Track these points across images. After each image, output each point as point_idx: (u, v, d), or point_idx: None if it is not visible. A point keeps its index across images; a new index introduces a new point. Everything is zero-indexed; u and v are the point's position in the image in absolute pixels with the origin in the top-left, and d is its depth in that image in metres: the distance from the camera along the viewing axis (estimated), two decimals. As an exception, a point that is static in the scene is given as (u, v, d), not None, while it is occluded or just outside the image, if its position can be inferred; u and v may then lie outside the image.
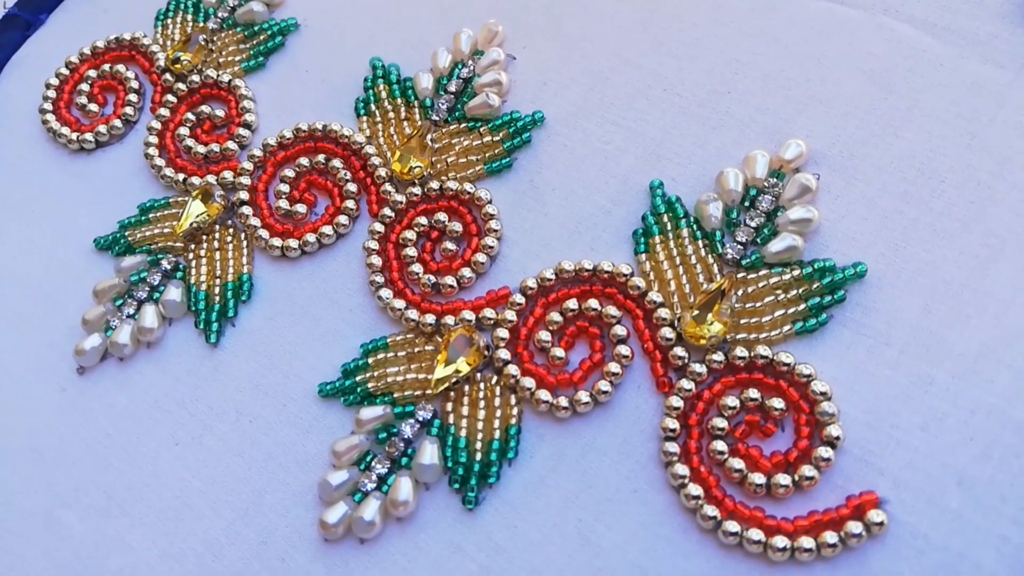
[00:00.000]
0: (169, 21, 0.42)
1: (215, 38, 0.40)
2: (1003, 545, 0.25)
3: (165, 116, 0.39)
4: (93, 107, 0.40)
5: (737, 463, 0.27)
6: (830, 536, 0.26)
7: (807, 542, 0.26)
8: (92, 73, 0.41)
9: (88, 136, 0.39)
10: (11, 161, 0.41)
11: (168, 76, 0.40)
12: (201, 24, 0.41)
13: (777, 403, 0.28)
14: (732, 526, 0.26)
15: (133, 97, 0.40)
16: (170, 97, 0.39)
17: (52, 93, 0.41)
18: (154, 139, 0.38)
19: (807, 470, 0.27)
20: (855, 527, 0.26)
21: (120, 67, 0.41)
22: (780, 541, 0.26)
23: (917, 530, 0.26)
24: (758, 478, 0.27)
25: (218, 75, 0.39)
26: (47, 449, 0.33)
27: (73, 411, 0.34)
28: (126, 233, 0.37)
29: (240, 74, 0.39)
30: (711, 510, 0.27)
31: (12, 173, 0.40)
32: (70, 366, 0.35)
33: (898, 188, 0.30)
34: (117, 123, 0.39)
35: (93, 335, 0.34)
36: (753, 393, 0.28)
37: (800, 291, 0.29)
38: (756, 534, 0.26)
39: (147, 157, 0.38)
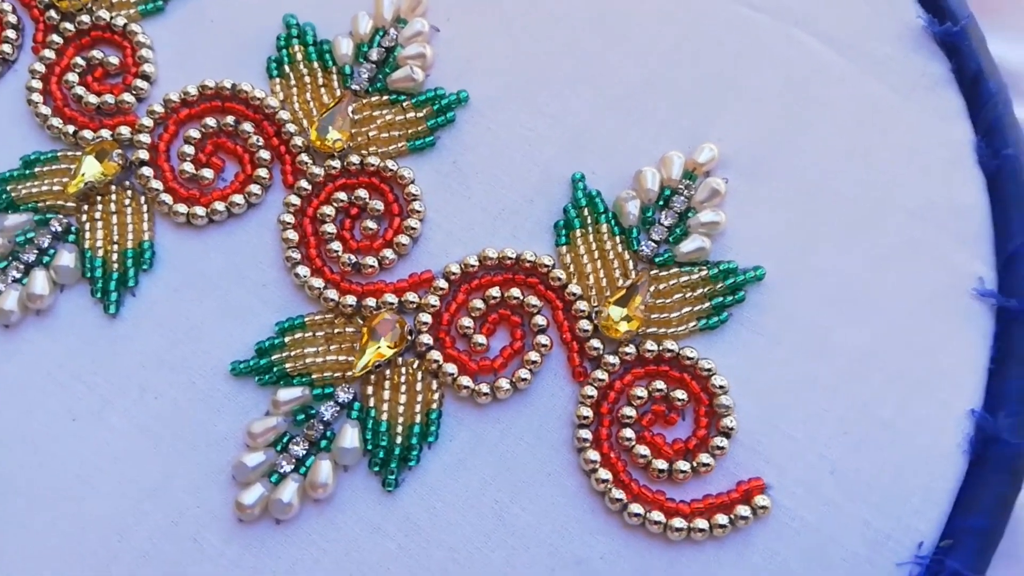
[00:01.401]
0: (51, -53, 0.38)
1: (106, -27, 0.37)
2: (865, 528, 0.28)
3: (50, 59, 0.36)
4: (-40, 39, 0.36)
5: (643, 450, 0.30)
6: (721, 518, 0.29)
7: (701, 523, 0.29)
8: (-43, -2, 0.37)
9: None
10: None
11: (52, 13, 0.36)
12: (90, -45, 0.37)
13: (680, 394, 0.30)
14: (637, 508, 0.29)
15: (11, 33, 0.36)
16: (55, 37, 0.36)
17: (-91, 18, 0.36)
18: (38, 84, 0.35)
19: (704, 457, 0.29)
20: (743, 510, 0.29)
21: (-8, -6, 0.37)
22: (678, 522, 0.29)
23: (795, 513, 0.29)
24: (661, 464, 0.29)
25: (111, 16, 0.36)
26: (-78, 422, 0.31)
27: None
28: (8, 188, 0.34)
29: (136, 17, 0.36)
30: (618, 493, 0.29)
31: None
32: None
33: (798, 196, 0.33)
34: (-9, 61, 0.36)
35: None
36: (659, 384, 0.30)
37: (705, 290, 0.31)
38: (657, 515, 0.29)
39: (30, 104, 0.35)
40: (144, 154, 0.34)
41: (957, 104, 0.34)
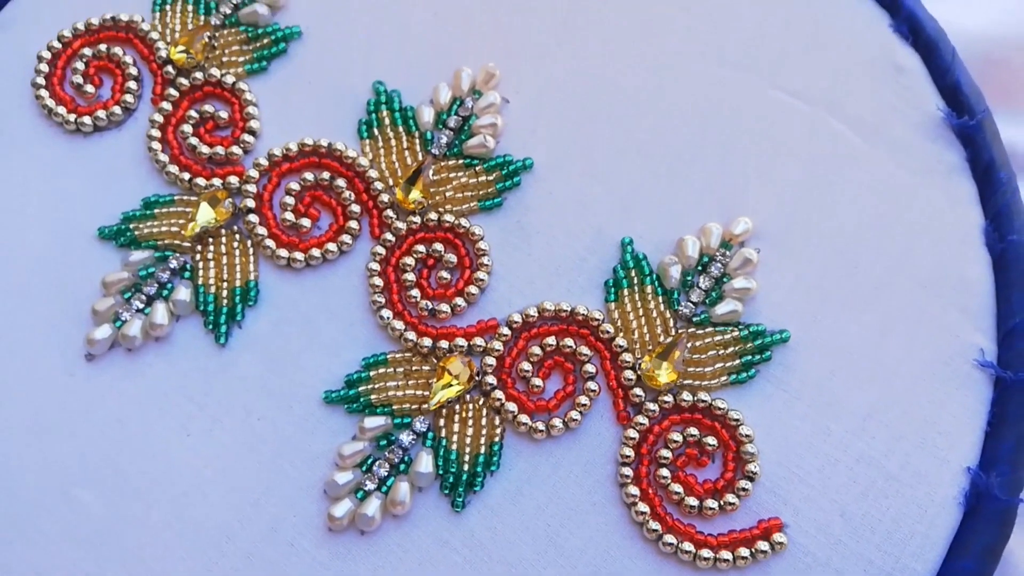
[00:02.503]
0: (168, 9, 0.43)
1: (217, 35, 0.42)
2: (868, 566, 0.33)
3: (167, 110, 0.40)
4: (89, 88, 0.41)
5: (677, 487, 0.34)
6: (743, 551, 0.33)
7: (726, 554, 0.33)
8: (87, 51, 0.42)
9: (87, 120, 0.40)
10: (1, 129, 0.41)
11: (170, 68, 0.41)
12: (203, 19, 0.42)
13: (711, 440, 0.35)
14: (670, 538, 0.33)
15: (132, 84, 0.41)
16: (172, 91, 0.41)
17: (45, 67, 0.41)
18: (157, 132, 0.40)
19: (730, 497, 0.34)
20: (763, 545, 0.33)
21: (117, 50, 0.42)
22: (706, 552, 0.33)
23: (808, 550, 0.33)
24: (692, 501, 0.34)
25: (222, 74, 0.41)
26: (59, 430, 0.36)
27: (83, 395, 0.36)
28: (131, 226, 0.38)
29: (243, 75, 0.41)
30: (655, 524, 0.34)
31: (2, 140, 0.41)
32: (77, 351, 0.37)
33: (819, 267, 0.37)
34: (117, 110, 0.40)
35: (103, 326, 0.36)
36: (693, 430, 0.35)
37: (736, 348, 0.36)
38: (688, 546, 0.33)
39: (150, 151, 0.39)
40: (251, 202, 0.38)
41: (969, 190, 0.38)
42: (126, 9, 0.43)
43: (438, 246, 0.38)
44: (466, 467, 0.35)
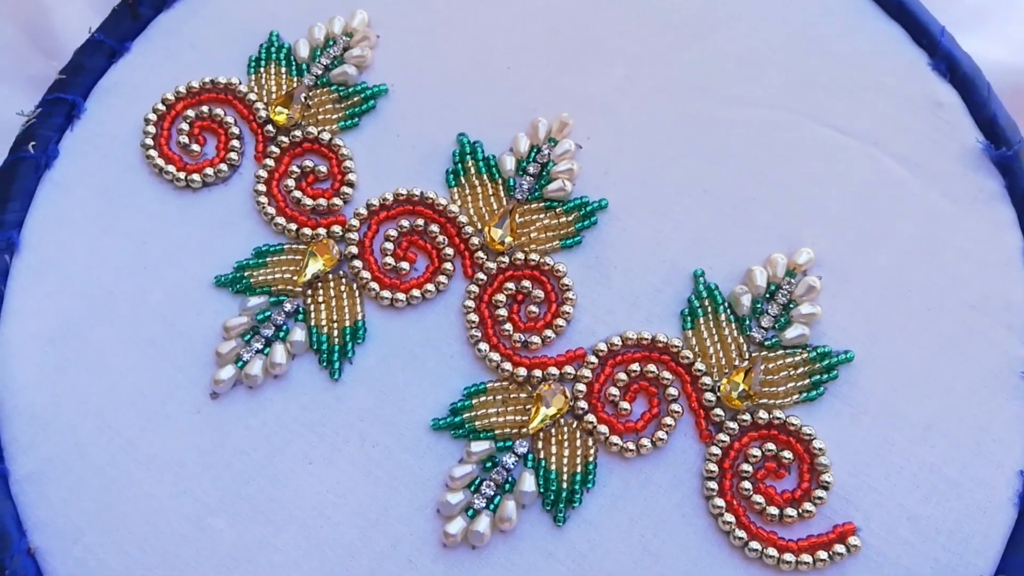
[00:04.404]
0: (263, 71, 0.46)
1: (311, 94, 0.46)
2: (935, 563, 0.36)
3: (270, 166, 0.44)
4: (195, 147, 0.45)
5: (759, 498, 0.37)
6: (822, 554, 0.37)
7: (806, 557, 0.37)
8: (190, 113, 0.46)
9: (196, 177, 0.44)
10: (112, 188, 0.45)
11: (270, 127, 0.45)
12: (296, 79, 0.46)
13: (787, 454, 0.38)
14: (755, 544, 0.37)
15: (236, 143, 0.45)
16: (273, 148, 0.45)
17: (152, 129, 0.45)
18: (263, 187, 0.43)
19: (807, 506, 0.37)
20: (839, 548, 0.37)
21: (219, 110, 0.45)
22: (788, 556, 0.37)
23: (879, 550, 0.37)
24: (773, 510, 0.37)
25: (318, 131, 0.45)
26: (190, 463, 0.39)
27: (210, 430, 0.39)
28: (245, 273, 0.42)
29: (337, 132, 0.45)
30: (740, 532, 0.37)
31: (115, 200, 0.44)
32: (201, 391, 0.40)
33: (877, 291, 0.41)
34: (223, 167, 0.44)
35: (227, 366, 0.40)
36: (771, 446, 0.38)
37: (806, 369, 0.39)
38: (772, 551, 0.37)
39: (258, 205, 0.43)
40: (354, 249, 0.42)
41: (1009, 215, 0.42)
42: (222, 72, 0.47)
43: (526, 283, 0.41)
44: (565, 485, 0.38)
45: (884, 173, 0.43)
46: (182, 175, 0.44)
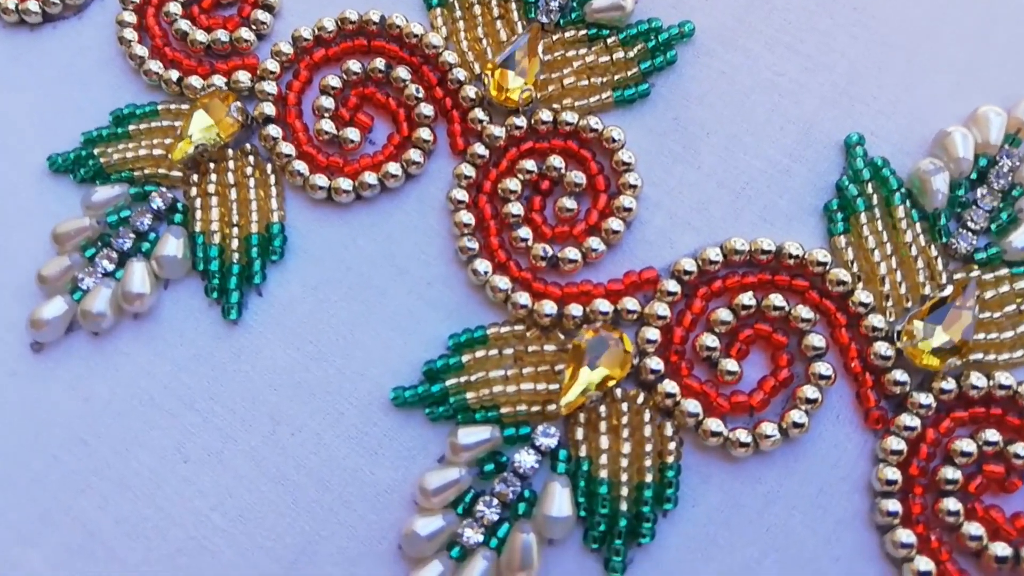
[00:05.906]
0: None
1: None
2: None
3: (146, -16, 0.29)
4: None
5: (975, 529, 0.23)
6: (1106, 638, 0.20)
7: (1076, 644, 0.20)
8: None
9: (32, 5, 0.29)
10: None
11: (148, -75, 0.29)
12: None
13: (1022, 450, 0.22)
14: (981, 621, 0.21)
15: (95, -50, 0.29)
16: (149, -44, 0.29)
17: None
18: (131, 17, 0.30)
19: (1070, 544, 0.21)
20: None
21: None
22: (1041, 642, 0.20)
23: None
24: (1001, 549, 0.22)
25: (220, -70, 0.29)
26: (-6, 456, 0.24)
27: (29, 406, 0.26)
28: (95, 151, 0.29)
29: (252, -70, 0.29)
30: (950, 597, 0.21)
31: None
32: (21, 340, 0.26)
33: None
34: (75, -13, 0.29)
35: (55, 299, 0.27)
36: (992, 435, 0.24)
37: (1051, 301, 0.23)
38: (1013, 633, 0.20)
39: (121, 42, 0.30)
40: (269, 108, 0.28)
41: None
42: None
43: (556, 161, 0.26)
44: (624, 505, 0.23)
45: None
46: (13, 4, 0.29)
